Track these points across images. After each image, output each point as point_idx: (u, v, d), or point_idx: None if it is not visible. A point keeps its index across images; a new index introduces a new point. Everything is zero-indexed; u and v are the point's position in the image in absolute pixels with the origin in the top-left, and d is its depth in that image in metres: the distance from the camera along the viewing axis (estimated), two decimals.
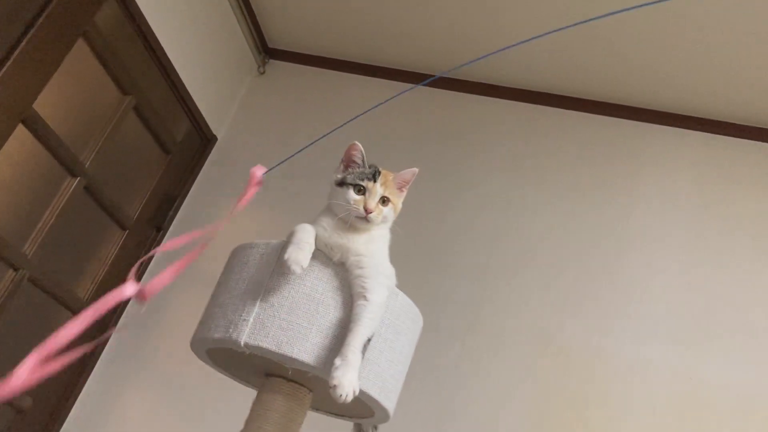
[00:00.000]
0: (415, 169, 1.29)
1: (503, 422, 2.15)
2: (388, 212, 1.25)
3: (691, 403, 2.09)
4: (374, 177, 1.24)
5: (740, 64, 2.32)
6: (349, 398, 1.01)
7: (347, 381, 1.02)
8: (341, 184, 1.26)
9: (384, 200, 1.24)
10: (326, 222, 1.23)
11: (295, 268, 1.09)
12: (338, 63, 2.96)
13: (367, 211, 1.21)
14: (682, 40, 2.30)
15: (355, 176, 1.25)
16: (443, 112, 2.76)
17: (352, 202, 1.22)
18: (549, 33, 1.08)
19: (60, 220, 2.14)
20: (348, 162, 1.28)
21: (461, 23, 2.56)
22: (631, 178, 2.51)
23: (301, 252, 1.12)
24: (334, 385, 1.01)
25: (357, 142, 1.28)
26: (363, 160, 1.27)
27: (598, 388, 2.16)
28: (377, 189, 1.23)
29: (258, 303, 1.13)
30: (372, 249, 1.20)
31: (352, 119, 1.25)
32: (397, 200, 1.28)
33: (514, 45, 1.19)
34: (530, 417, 2.14)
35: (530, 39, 1.14)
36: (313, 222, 1.23)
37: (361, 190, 1.23)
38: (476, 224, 2.50)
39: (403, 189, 1.30)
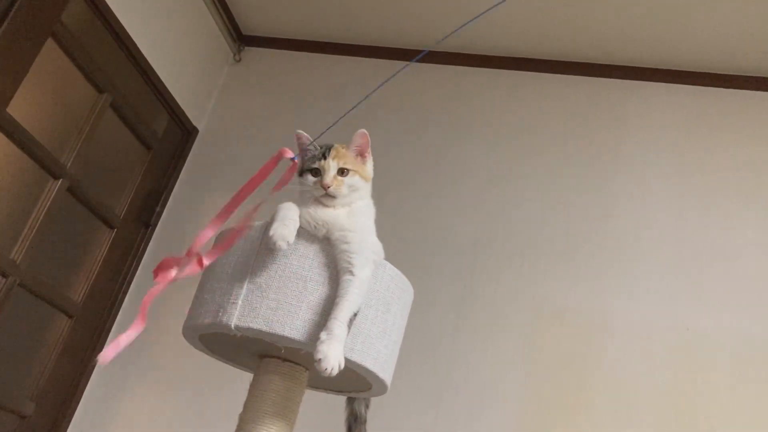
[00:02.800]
0: (363, 131, 1.29)
1: (503, 389, 2.16)
2: (352, 181, 1.25)
3: (689, 354, 2.11)
4: (324, 155, 1.25)
5: (717, 12, 2.31)
6: (335, 372, 1.02)
7: (333, 354, 1.03)
8: (300, 173, 1.28)
9: (342, 171, 1.25)
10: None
11: (281, 243, 1.10)
12: (315, 45, 2.93)
13: (324, 186, 1.22)
14: None
15: (309, 161, 1.27)
16: (423, 85, 2.75)
17: (311, 184, 1.24)
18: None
19: (46, 224, 2.13)
20: (301, 152, 1.29)
21: None
22: (613, 137, 2.51)
23: (286, 228, 1.12)
24: (319, 359, 1.02)
25: (300, 131, 1.29)
26: (313, 144, 1.29)
27: (596, 348, 2.17)
28: (330, 164, 1.24)
29: (245, 285, 1.13)
30: (356, 223, 1.20)
31: (362, 99, 1.24)
32: (360, 167, 1.28)
33: (490, 9, 1.18)
34: (530, 382, 2.15)
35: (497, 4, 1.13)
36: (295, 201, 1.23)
37: (316, 172, 1.25)
38: (462, 194, 2.50)
39: (365, 155, 1.31)
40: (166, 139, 2.70)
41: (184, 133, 2.79)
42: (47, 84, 2.13)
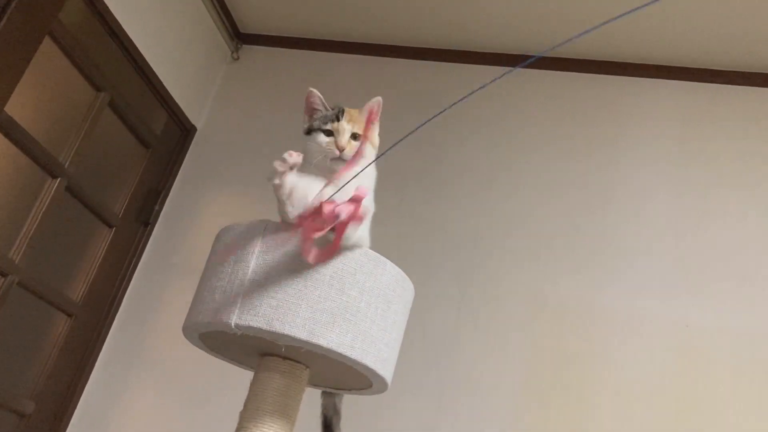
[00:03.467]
0: (379, 98, 1.28)
1: (504, 385, 2.16)
2: (362, 148, 1.21)
3: (688, 351, 2.11)
4: (338, 117, 1.24)
5: (710, 9, 2.31)
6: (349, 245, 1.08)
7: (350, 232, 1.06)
8: (309, 132, 1.26)
9: (355, 136, 1.24)
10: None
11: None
12: (313, 42, 2.93)
13: (339, 149, 1.21)
14: None
15: (320, 121, 1.25)
16: (422, 83, 2.75)
17: (324, 145, 1.22)
18: None
19: (45, 223, 2.13)
20: (310, 111, 1.28)
21: None
22: (613, 133, 2.51)
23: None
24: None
25: (312, 89, 1.29)
26: (324, 105, 1.28)
27: (596, 344, 2.17)
28: (344, 126, 1.23)
29: (246, 283, 1.13)
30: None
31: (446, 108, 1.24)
32: (371, 133, 1.27)
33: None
34: (531, 378, 2.16)
35: None
36: None
37: (329, 133, 1.23)
38: (462, 190, 2.50)
39: (374, 121, 1.29)
40: (165, 137, 2.69)
41: (182, 131, 2.79)
42: (45, 83, 2.12)
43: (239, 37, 3.01)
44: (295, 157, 1.10)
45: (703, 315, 2.15)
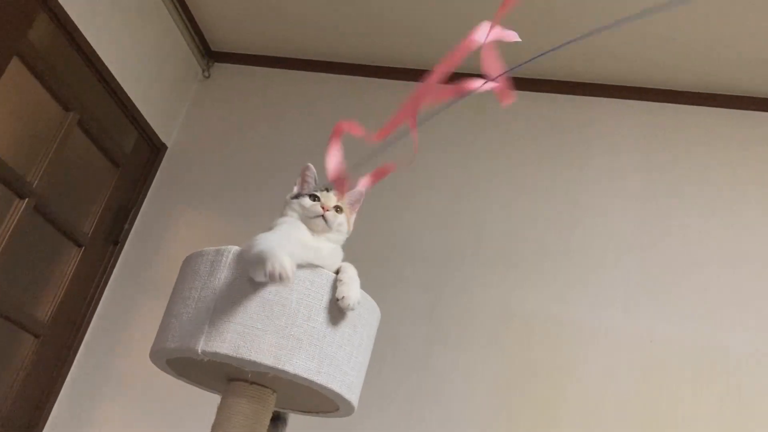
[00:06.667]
0: (362, 189, 1.35)
1: (474, 398, 2.19)
2: (341, 221, 1.30)
3: (652, 365, 2.15)
4: (328, 189, 1.32)
5: (674, 34, 2.37)
6: (355, 307, 1.16)
7: (353, 293, 1.16)
8: (296, 197, 1.32)
9: (337, 208, 1.30)
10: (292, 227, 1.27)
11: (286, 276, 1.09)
12: (284, 60, 2.95)
13: (324, 208, 1.27)
14: (615, 10, 2.35)
15: (309, 190, 1.33)
16: (391, 101, 2.77)
17: (308, 206, 1.29)
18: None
19: (12, 243, 2.11)
20: (302, 183, 1.36)
21: (413, 14, 2.56)
22: (579, 151, 2.56)
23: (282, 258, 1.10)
24: (342, 297, 1.15)
25: (310, 165, 1.35)
26: (315, 180, 1.35)
27: (564, 358, 2.21)
28: (331, 196, 1.31)
29: (212, 310, 1.14)
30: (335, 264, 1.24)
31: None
32: (349, 217, 1.34)
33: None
34: (500, 391, 2.18)
35: None
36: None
37: (316, 198, 1.30)
38: (430, 207, 2.53)
39: (354, 208, 1.37)
40: (135, 156, 2.69)
41: (152, 149, 2.78)
42: (13, 103, 2.11)
43: (210, 55, 3.02)
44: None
45: (666, 329, 2.20)
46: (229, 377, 1.25)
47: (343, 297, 1.16)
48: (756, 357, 2.12)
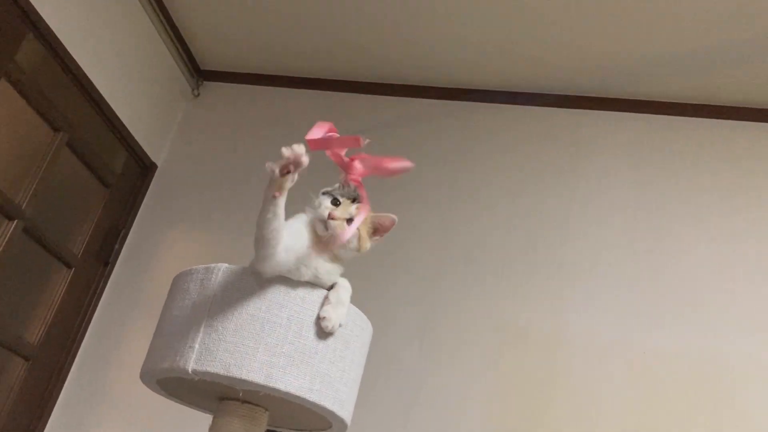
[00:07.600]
0: (394, 217, 1.27)
1: (469, 413, 2.17)
2: (352, 237, 1.20)
3: (645, 376, 2.15)
4: (354, 200, 1.23)
5: (663, 47, 2.39)
6: (335, 330, 1.15)
7: (335, 315, 1.15)
8: (324, 193, 1.24)
9: (349, 221, 1.20)
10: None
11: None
12: (273, 78, 2.96)
13: (330, 215, 1.18)
14: (596, 24, 2.37)
15: (337, 191, 1.24)
16: (382, 116, 2.78)
17: (322, 206, 1.20)
18: None
19: (1, 265, 2.09)
20: (343, 184, 1.25)
21: (401, 29, 2.58)
22: (571, 164, 2.57)
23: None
24: (324, 317, 1.14)
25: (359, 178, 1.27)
26: (348, 183, 1.25)
27: (559, 370, 2.20)
28: (350, 208, 1.21)
29: (202, 328, 1.13)
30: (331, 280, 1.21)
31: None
32: (366, 235, 1.25)
33: None
34: (495, 405, 2.17)
35: None
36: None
37: (336, 203, 1.22)
38: (421, 222, 2.53)
39: (379, 233, 1.28)
40: (125, 175, 2.68)
41: (142, 169, 2.77)
42: (1, 124, 2.10)
43: (200, 73, 3.02)
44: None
45: (659, 340, 2.19)
46: (221, 396, 1.24)
47: (324, 318, 1.14)
48: (748, 367, 2.12)
